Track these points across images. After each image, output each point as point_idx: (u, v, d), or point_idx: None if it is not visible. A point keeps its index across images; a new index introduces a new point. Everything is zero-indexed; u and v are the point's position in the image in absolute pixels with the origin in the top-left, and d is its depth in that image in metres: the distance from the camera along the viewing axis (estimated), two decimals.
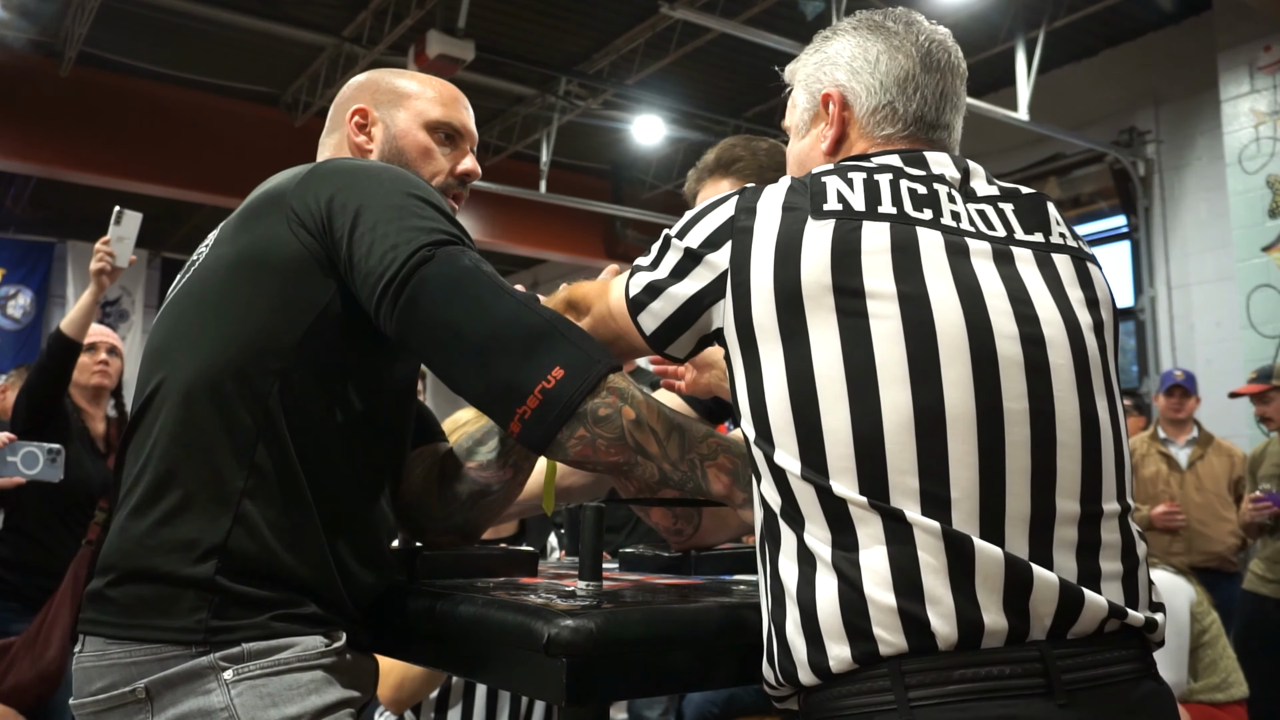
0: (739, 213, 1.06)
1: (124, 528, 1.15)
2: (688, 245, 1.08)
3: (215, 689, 1.08)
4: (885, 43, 1.16)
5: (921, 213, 1.03)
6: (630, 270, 1.16)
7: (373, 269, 1.12)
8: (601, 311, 1.20)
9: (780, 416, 0.99)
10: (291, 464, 1.14)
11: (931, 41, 1.16)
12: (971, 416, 0.95)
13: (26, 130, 7.25)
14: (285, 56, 7.41)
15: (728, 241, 1.05)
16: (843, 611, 0.93)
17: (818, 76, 1.19)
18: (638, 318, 1.13)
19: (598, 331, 1.19)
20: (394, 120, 1.39)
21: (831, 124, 1.17)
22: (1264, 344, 5.54)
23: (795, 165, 1.22)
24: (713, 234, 1.07)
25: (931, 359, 0.95)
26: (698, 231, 1.08)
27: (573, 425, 1.07)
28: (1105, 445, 1.01)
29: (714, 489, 1.14)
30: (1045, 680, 0.90)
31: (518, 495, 1.40)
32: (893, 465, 0.93)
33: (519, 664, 1.04)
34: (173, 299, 1.27)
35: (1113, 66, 6.94)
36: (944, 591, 0.91)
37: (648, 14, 6.56)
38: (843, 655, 0.93)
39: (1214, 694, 3.33)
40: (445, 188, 1.39)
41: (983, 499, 0.94)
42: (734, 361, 1.04)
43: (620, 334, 1.17)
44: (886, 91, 1.14)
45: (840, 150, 1.16)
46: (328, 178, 1.21)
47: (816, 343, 0.98)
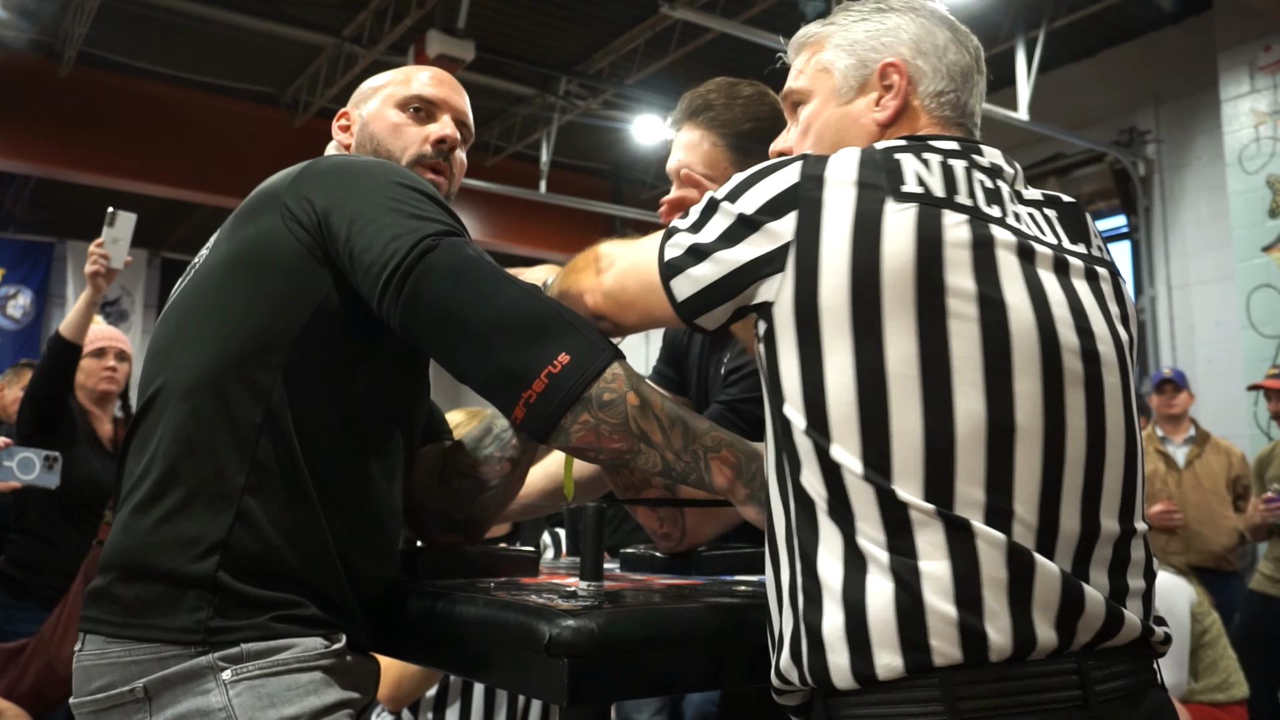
0: (805, 180, 0.99)
1: (126, 525, 1.15)
2: (741, 210, 1.01)
3: (214, 689, 1.08)
4: (951, 34, 1.15)
5: (991, 209, 1.00)
6: (665, 233, 1.08)
7: (375, 261, 1.12)
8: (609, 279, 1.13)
9: (844, 410, 0.94)
10: (295, 460, 1.15)
11: (978, 46, 1.18)
12: (1039, 430, 0.94)
13: (26, 130, 7.25)
14: (285, 56, 7.41)
15: (792, 211, 0.98)
16: (898, 619, 0.90)
17: (873, 45, 1.14)
18: (670, 282, 1.05)
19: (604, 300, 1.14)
20: (367, 110, 1.43)
21: (896, 95, 1.12)
22: (1264, 344, 5.54)
23: (833, 134, 1.15)
24: (773, 200, 0.99)
25: (1005, 367, 0.94)
26: (753, 196, 1.01)
27: (577, 410, 1.07)
28: (1137, 464, 1.02)
29: (717, 482, 1.13)
30: (1082, 693, 0.91)
31: (518, 491, 1.40)
32: (960, 474, 0.92)
33: (520, 664, 1.04)
34: (174, 301, 1.27)
35: (1113, 66, 6.94)
36: (1002, 606, 0.90)
37: (648, 14, 6.56)
38: (893, 664, 0.90)
39: (1214, 694, 3.33)
40: (420, 157, 1.38)
41: (1041, 514, 0.94)
42: (781, 340, 0.98)
43: (633, 302, 1.11)
44: (952, 80, 1.13)
45: (897, 124, 1.12)
46: (321, 174, 1.22)
47: (892, 336, 0.93)
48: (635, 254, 1.13)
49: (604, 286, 1.15)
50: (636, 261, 1.12)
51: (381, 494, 1.24)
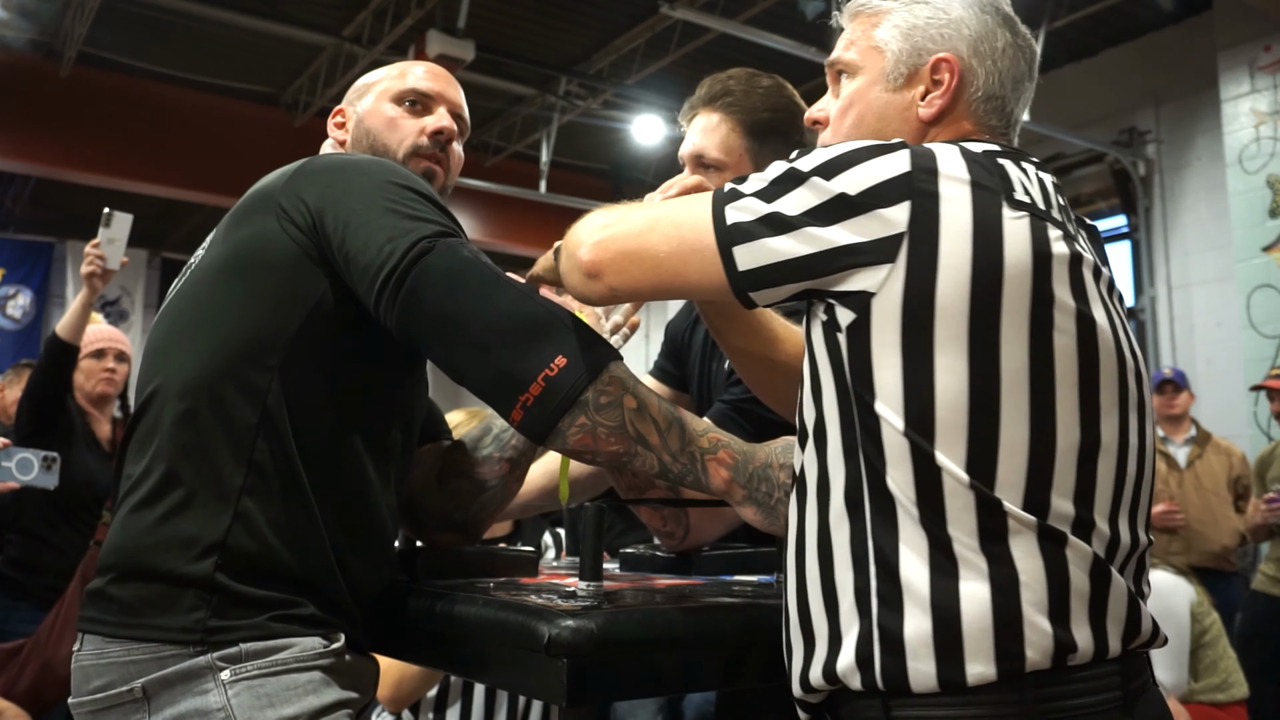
0: (917, 171, 0.94)
1: (124, 526, 1.15)
2: (842, 189, 0.94)
3: (212, 689, 1.08)
4: (1013, 37, 1.11)
5: (1069, 226, 1.00)
6: (721, 196, 1.00)
7: (371, 262, 1.12)
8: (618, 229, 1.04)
9: (953, 414, 0.92)
10: (291, 460, 1.14)
11: (1035, 51, 1.14)
12: (1115, 447, 0.97)
13: (26, 130, 7.25)
14: (285, 56, 7.41)
15: (905, 201, 0.93)
16: (995, 626, 0.89)
17: (931, 35, 1.10)
18: (733, 248, 0.97)
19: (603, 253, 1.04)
20: (362, 106, 1.42)
21: (944, 93, 1.09)
22: (1264, 344, 5.54)
23: (875, 119, 1.12)
24: (883, 185, 0.94)
25: (1095, 384, 0.95)
26: (856, 176, 0.94)
27: (574, 413, 1.07)
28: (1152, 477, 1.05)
29: (714, 484, 1.13)
30: (1123, 694, 0.94)
31: (517, 492, 1.40)
32: (1056, 486, 0.93)
33: (520, 664, 1.04)
34: (170, 301, 1.27)
35: (1113, 66, 6.94)
36: (1084, 616, 0.92)
37: (648, 14, 6.56)
38: (985, 671, 0.89)
39: (1214, 694, 3.33)
40: (416, 149, 1.38)
41: (1111, 527, 0.96)
42: (879, 335, 0.93)
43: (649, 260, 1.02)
44: (1003, 85, 1.10)
45: (940, 123, 1.10)
46: (315, 174, 1.22)
47: (1007, 344, 0.92)
48: (664, 210, 1.04)
49: (609, 236, 1.05)
50: (668, 217, 1.03)
51: (378, 494, 1.24)
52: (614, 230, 1.05)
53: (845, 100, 1.14)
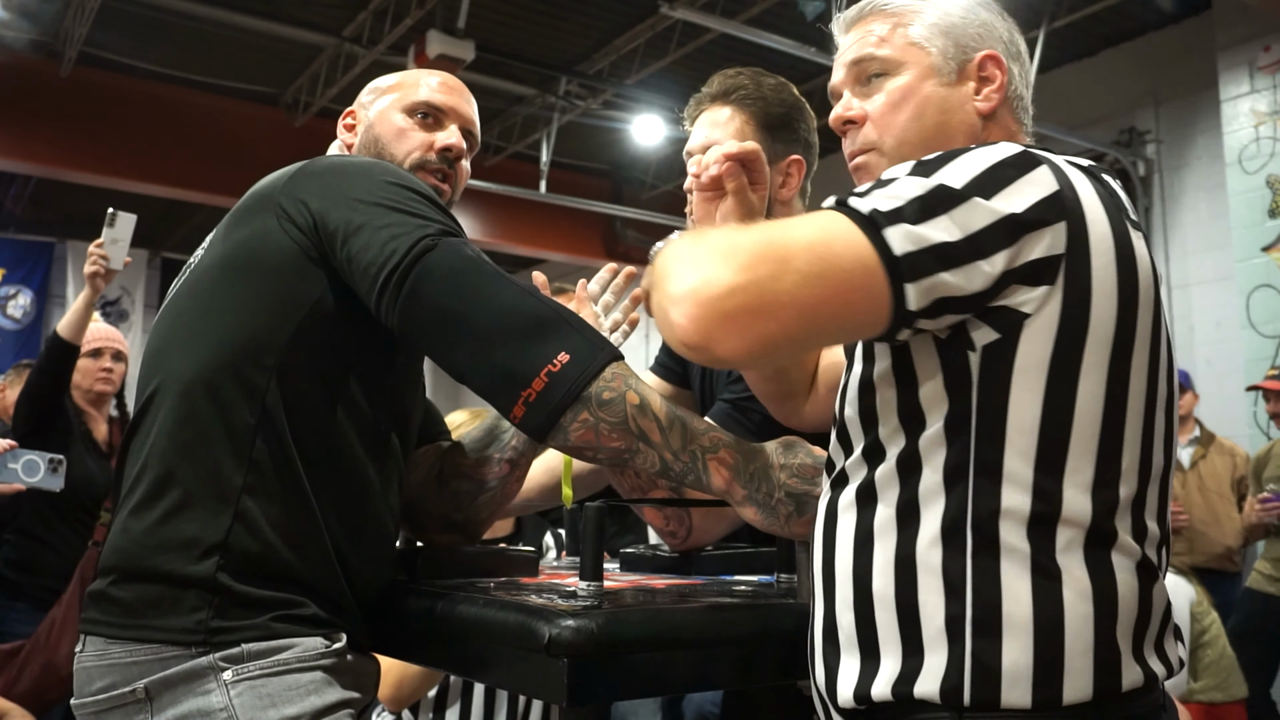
0: (1065, 190, 0.90)
1: (125, 527, 1.15)
2: (1010, 210, 0.87)
3: (215, 689, 1.08)
4: (1023, 44, 1.15)
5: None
6: (867, 222, 0.86)
7: (372, 261, 1.12)
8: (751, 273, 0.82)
9: (1085, 442, 0.90)
10: (291, 460, 1.15)
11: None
12: (1163, 466, 0.98)
13: (26, 130, 7.24)
14: (285, 56, 7.41)
15: (1062, 221, 0.89)
16: (1096, 649, 0.89)
17: (973, 34, 1.10)
18: (906, 285, 0.85)
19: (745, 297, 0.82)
20: (374, 111, 1.41)
21: (998, 88, 1.09)
22: (1264, 344, 5.54)
23: (938, 113, 1.09)
24: (1042, 204, 0.89)
25: (1170, 406, 0.98)
26: (1016, 195, 0.88)
27: (576, 409, 1.07)
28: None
29: (714, 483, 1.13)
30: (1159, 694, 0.95)
31: (517, 492, 1.41)
32: (1148, 509, 0.95)
33: (520, 664, 1.04)
34: (170, 301, 1.27)
35: (1113, 66, 6.94)
36: (1158, 635, 0.95)
37: (648, 14, 6.56)
38: (1084, 687, 0.88)
39: (1213, 694, 3.34)
40: (423, 163, 1.37)
41: (1164, 543, 0.98)
42: (1024, 357, 0.89)
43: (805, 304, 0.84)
44: (1026, 85, 1.14)
45: (994, 118, 1.10)
46: (316, 175, 1.22)
47: (1135, 369, 0.91)
48: (788, 244, 0.85)
49: (717, 292, 0.82)
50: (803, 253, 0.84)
51: (378, 494, 1.24)
52: (729, 281, 0.82)
53: (895, 95, 1.10)
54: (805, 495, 1.12)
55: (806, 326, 0.86)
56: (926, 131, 1.08)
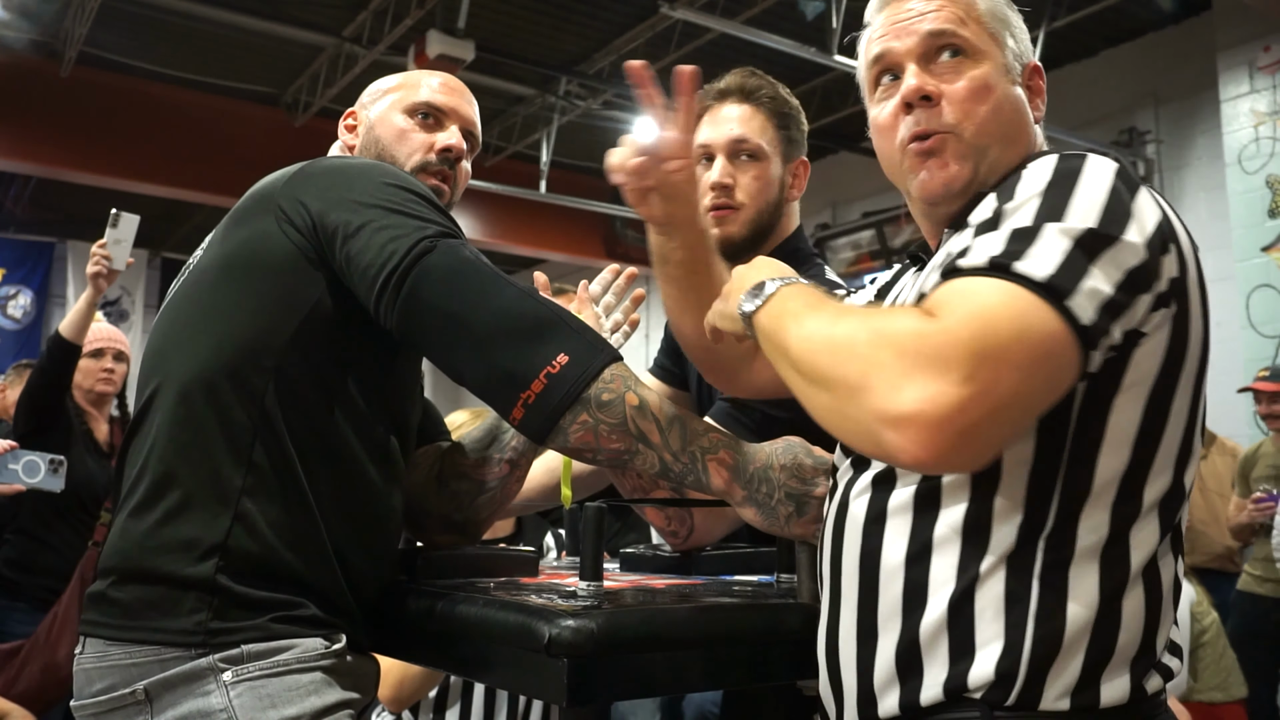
0: (1165, 218, 0.90)
1: (125, 529, 1.15)
2: (1144, 241, 0.86)
3: (214, 690, 1.08)
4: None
5: None
6: (1049, 290, 0.81)
7: (372, 262, 1.12)
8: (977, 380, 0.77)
9: (1167, 456, 0.92)
10: (290, 461, 1.15)
11: None
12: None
13: (26, 130, 7.25)
14: (285, 56, 7.41)
15: (1173, 245, 0.89)
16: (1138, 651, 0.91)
17: (1024, 40, 1.08)
18: (1091, 353, 0.83)
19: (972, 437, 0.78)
20: (376, 113, 1.41)
21: (1044, 99, 1.08)
22: (1264, 344, 5.55)
23: (1014, 111, 1.04)
24: (1158, 233, 0.88)
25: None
26: (1140, 226, 0.87)
27: (576, 410, 1.07)
28: None
29: (714, 484, 1.13)
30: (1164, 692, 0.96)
31: (517, 492, 1.41)
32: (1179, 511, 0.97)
33: (520, 664, 1.04)
34: (169, 302, 1.27)
35: (1113, 66, 6.94)
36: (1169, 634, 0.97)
37: (648, 14, 6.56)
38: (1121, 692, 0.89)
39: (1213, 694, 3.34)
40: (424, 165, 1.37)
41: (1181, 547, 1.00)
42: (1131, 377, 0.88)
43: (1032, 408, 0.83)
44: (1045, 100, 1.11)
45: (1038, 123, 1.08)
46: (316, 176, 1.22)
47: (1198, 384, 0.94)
48: (996, 338, 0.79)
49: (949, 409, 0.77)
50: (1013, 344, 0.79)
51: (378, 495, 1.24)
52: (961, 395, 0.76)
53: (979, 83, 1.02)
54: (805, 496, 1.12)
55: (1030, 414, 0.84)
56: (1006, 129, 1.02)
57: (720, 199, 1.63)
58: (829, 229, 8.38)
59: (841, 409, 0.83)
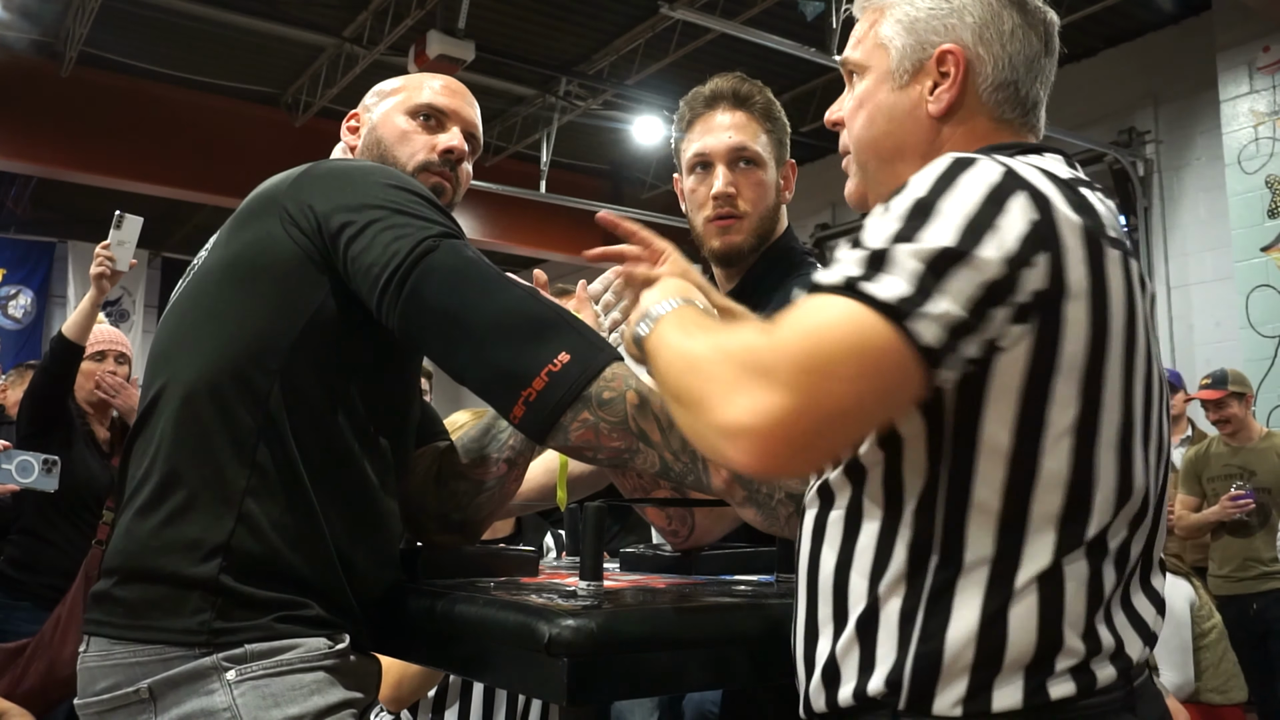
0: (1043, 216, 0.87)
1: (128, 529, 1.16)
2: (1003, 256, 0.84)
3: (218, 689, 1.08)
4: (1021, 16, 1.04)
5: (1126, 244, 0.95)
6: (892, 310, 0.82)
7: (375, 262, 1.13)
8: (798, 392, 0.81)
9: (1055, 463, 0.88)
10: (294, 462, 1.15)
11: (1051, 22, 1.08)
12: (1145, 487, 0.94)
13: (26, 130, 7.25)
14: (285, 56, 7.41)
15: (1043, 254, 0.85)
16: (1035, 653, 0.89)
17: (933, 26, 1.04)
18: (937, 371, 0.84)
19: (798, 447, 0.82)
20: (378, 114, 1.42)
21: (950, 86, 1.02)
22: (1263, 344, 5.55)
23: (886, 121, 1.05)
24: (1024, 243, 0.85)
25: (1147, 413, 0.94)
26: (999, 240, 0.84)
27: (577, 408, 1.07)
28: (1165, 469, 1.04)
29: (714, 484, 1.13)
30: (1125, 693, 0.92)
31: (516, 491, 1.41)
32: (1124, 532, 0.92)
33: (520, 664, 1.04)
34: (174, 303, 1.28)
35: (1113, 66, 6.94)
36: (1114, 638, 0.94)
37: (648, 14, 6.57)
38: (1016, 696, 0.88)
39: (1211, 695, 3.34)
40: (426, 165, 1.38)
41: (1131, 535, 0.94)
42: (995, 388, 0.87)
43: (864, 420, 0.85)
44: (1015, 70, 1.04)
45: (952, 119, 1.03)
46: (320, 178, 1.22)
47: (1107, 398, 0.89)
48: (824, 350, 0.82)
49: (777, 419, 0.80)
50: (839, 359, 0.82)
51: (380, 496, 1.24)
52: (786, 405, 0.80)
53: (855, 101, 1.08)
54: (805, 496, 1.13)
55: (862, 426, 0.87)
56: (877, 142, 1.04)
57: (724, 208, 1.63)
58: (829, 229, 8.38)
59: (692, 424, 0.87)
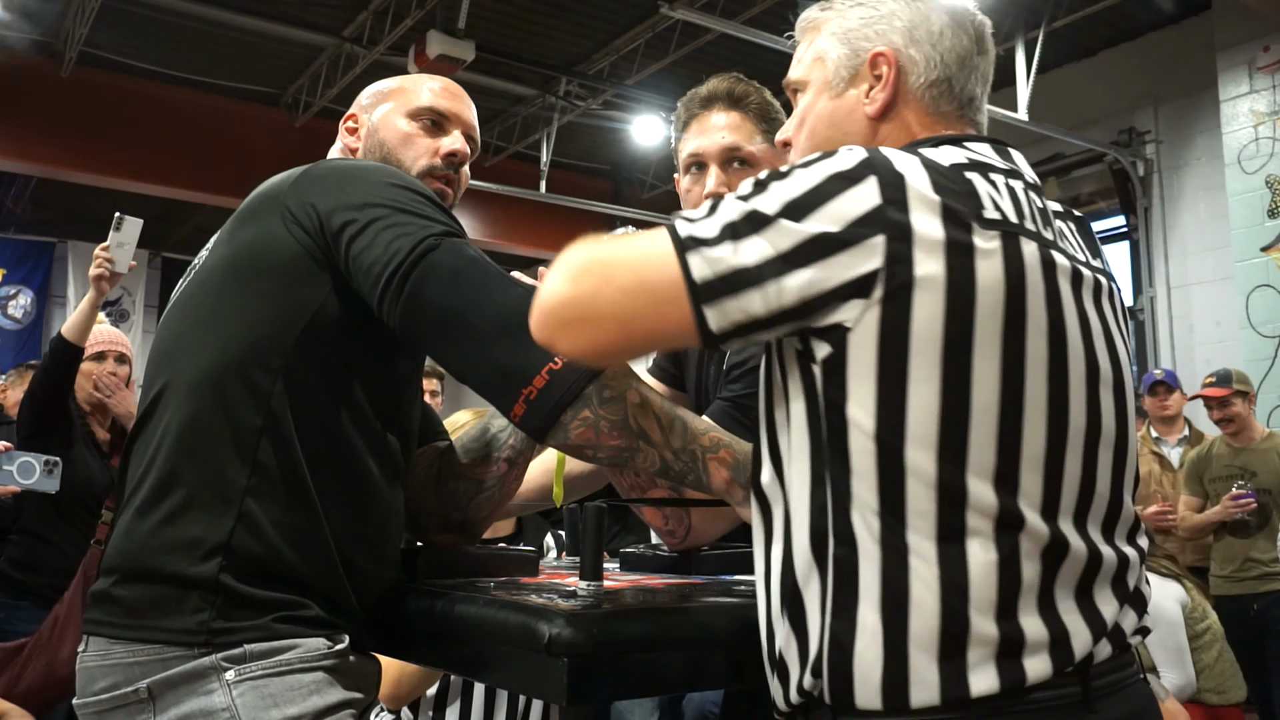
0: (888, 203, 0.89)
1: (128, 528, 1.16)
2: (815, 233, 0.89)
3: (217, 689, 1.08)
4: (949, 17, 1.09)
5: (1046, 231, 0.97)
6: (679, 243, 0.91)
7: (376, 260, 1.13)
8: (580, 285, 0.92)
9: (924, 450, 0.89)
10: (296, 462, 1.15)
11: (983, 24, 1.11)
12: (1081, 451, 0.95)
13: (26, 130, 7.25)
14: (285, 56, 7.41)
15: (880, 234, 0.88)
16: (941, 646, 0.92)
17: (865, 33, 1.09)
18: (704, 308, 0.90)
19: (571, 310, 0.93)
20: (378, 116, 1.42)
21: (884, 86, 1.07)
22: (1263, 344, 5.56)
23: (826, 128, 1.10)
24: (856, 221, 0.89)
25: (1064, 404, 0.94)
26: (827, 214, 0.89)
27: (578, 406, 1.07)
28: (1131, 467, 1.04)
29: (714, 483, 1.13)
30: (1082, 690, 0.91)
31: (515, 491, 1.41)
32: (1023, 496, 0.91)
33: (520, 664, 1.04)
34: (175, 303, 1.28)
35: (1113, 66, 6.94)
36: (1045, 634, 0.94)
37: (648, 14, 6.57)
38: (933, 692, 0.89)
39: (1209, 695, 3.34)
40: (430, 169, 1.38)
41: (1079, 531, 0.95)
42: (854, 366, 0.90)
43: (621, 318, 0.93)
44: (946, 67, 1.07)
45: (887, 118, 1.07)
46: (322, 177, 1.23)
47: (979, 376, 0.89)
48: (617, 263, 0.94)
49: (557, 301, 0.94)
50: (624, 273, 0.93)
51: (382, 496, 1.24)
52: (561, 293, 0.93)
53: (798, 116, 1.14)
54: None
55: (627, 335, 0.95)
56: (819, 147, 1.05)
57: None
58: None
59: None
